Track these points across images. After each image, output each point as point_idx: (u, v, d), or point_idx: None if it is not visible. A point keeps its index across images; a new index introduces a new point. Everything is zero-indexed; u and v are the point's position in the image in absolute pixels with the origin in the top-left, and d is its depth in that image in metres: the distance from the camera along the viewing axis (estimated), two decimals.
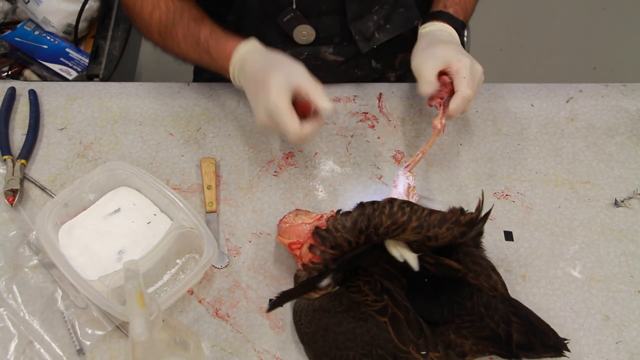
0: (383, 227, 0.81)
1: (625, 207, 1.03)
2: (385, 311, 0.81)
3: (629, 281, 0.95)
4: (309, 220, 0.91)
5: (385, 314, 0.81)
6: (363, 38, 1.14)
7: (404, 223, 0.81)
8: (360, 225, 0.81)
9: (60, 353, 0.87)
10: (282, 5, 1.08)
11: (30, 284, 0.93)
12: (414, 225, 0.81)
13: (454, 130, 1.11)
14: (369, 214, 0.81)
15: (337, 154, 1.09)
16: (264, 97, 0.91)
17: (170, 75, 2.19)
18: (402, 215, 0.81)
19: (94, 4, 1.47)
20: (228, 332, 0.90)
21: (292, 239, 0.90)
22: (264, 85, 0.91)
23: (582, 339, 0.90)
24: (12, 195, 1.00)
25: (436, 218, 0.81)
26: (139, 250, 0.93)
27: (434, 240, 0.82)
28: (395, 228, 0.81)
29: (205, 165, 1.04)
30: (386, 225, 0.81)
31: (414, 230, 0.81)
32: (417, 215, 0.81)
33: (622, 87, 1.17)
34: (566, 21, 2.52)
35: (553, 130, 1.12)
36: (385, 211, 0.81)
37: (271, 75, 0.91)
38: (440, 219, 0.81)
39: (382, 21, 1.14)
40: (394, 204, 0.82)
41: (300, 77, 0.92)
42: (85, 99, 1.14)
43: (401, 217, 0.81)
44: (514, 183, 1.05)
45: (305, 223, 0.91)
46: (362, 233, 0.82)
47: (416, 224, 0.81)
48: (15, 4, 1.50)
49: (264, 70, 0.93)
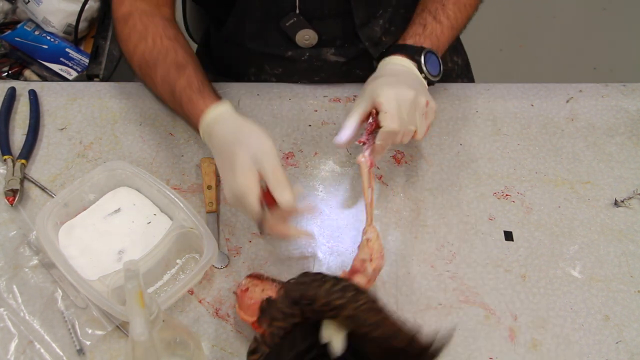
0: (318, 303, 0.71)
1: (625, 207, 1.03)
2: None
3: (629, 281, 0.95)
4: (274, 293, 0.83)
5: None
6: (372, 44, 1.14)
7: (338, 307, 0.71)
8: (294, 295, 0.72)
9: (60, 353, 0.87)
10: (284, 10, 1.08)
11: (31, 284, 0.93)
12: (346, 314, 0.71)
13: (454, 130, 1.11)
14: (306, 283, 0.73)
15: (337, 154, 1.09)
16: (230, 178, 0.86)
17: None
18: (339, 297, 0.71)
19: (94, 4, 1.47)
20: (228, 332, 0.90)
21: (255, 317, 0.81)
22: (230, 164, 0.86)
23: (582, 339, 0.90)
24: (12, 195, 1.00)
25: (373, 319, 0.71)
26: (139, 250, 0.93)
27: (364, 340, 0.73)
28: (328, 309, 0.71)
29: (205, 165, 1.04)
30: (321, 302, 0.71)
31: (346, 319, 0.72)
32: (355, 304, 0.70)
33: (622, 87, 1.17)
34: (566, 21, 2.52)
35: (553, 130, 1.12)
36: (324, 286, 0.72)
37: (238, 155, 0.85)
38: (378, 320, 0.71)
39: (387, 24, 1.15)
40: (339, 283, 0.72)
41: (264, 161, 0.85)
42: (86, 99, 1.14)
43: (338, 299, 0.71)
44: (513, 183, 1.05)
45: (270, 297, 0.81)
46: (295, 304, 0.73)
47: (350, 314, 0.71)
48: (15, 4, 1.50)
49: (231, 145, 0.87)
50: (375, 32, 1.14)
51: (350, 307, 0.71)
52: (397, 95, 0.92)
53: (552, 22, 2.53)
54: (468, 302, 0.93)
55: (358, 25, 1.11)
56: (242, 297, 0.85)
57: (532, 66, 2.39)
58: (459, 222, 1.01)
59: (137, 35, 1.02)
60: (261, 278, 0.87)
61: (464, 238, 0.99)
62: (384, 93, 0.92)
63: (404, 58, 1.01)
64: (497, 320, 0.91)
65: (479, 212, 1.02)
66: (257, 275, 0.88)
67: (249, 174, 0.84)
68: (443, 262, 0.96)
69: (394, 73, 1.00)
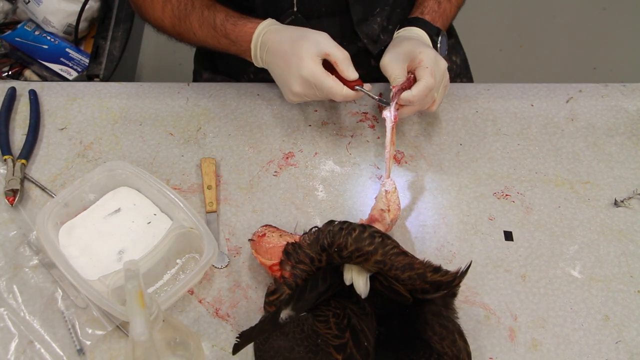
0: (347, 250, 0.78)
1: (625, 207, 1.03)
2: (343, 349, 0.77)
3: (629, 281, 0.95)
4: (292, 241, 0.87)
5: (342, 352, 0.77)
6: (371, 41, 1.16)
7: (367, 253, 0.77)
8: (323, 242, 0.78)
9: (60, 353, 0.87)
10: (283, 8, 1.08)
11: (31, 283, 0.93)
12: (377, 259, 0.78)
13: (454, 130, 1.11)
14: (334, 232, 0.79)
15: (337, 154, 1.09)
16: (297, 67, 0.95)
17: (170, 75, 2.20)
18: (369, 244, 0.77)
19: (94, 4, 1.47)
20: (228, 332, 0.90)
21: (274, 260, 0.87)
22: (294, 55, 0.95)
23: (582, 339, 0.90)
24: (13, 195, 1.00)
25: (402, 262, 0.78)
26: (139, 250, 0.93)
27: (393, 281, 0.79)
28: (358, 255, 0.78)
29: (205, 165, 1.04)
30: (350, 249, 0.78)
31: (376, 264, 0.78)
32: (384, 249, 0.77)
33: (622, 87, 1.17)
34: (566, 21, 2.52)
35: (553, 130, 1.12)
36: (353, 234, 0.78)
37: (301, 45, 0.95)
38: (405, 264, 0.78)
39: (385, 22, 1.15)
40: (366, 230, 0.79)
41: (327, 45, 0.95)
42: (86, 99, 1.14)
43: (367, 246, 0.77)
44: (513, 183, 1.05)
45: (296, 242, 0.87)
46: (324, 251, 0.79)
47: (380, 259, 0.77)
48: (15, 4, 1.50)
49: (291, 42, 0.96)
50: (374, 29, 1.14)
51: (380, 252, 0.77)
52: (437, 57, 0.99)
53: (552, 22, 2.53)
54: (468, 302, 0.93)
55: (356, 22, 1.12)
56: (259, 242, 0.91)
57: (532, 66, 2.39)
58: (459, 222, 1.01)
59: (161, 1, 1.08)
60: (276, 227, 0.93)
61: (464, 238, 0.99)
62: (426, 51, 0.98)
63: (425, 34, 1.06)
64: (497, 320, 0.92)
65: (479, 212, 1.02)
66: (271, 225, 0.94)
67: (316, 59, 0.94)
68: (443, 262, 0.96)
69: (422, 40, 1.04)
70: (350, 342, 0.77)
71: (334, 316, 0.79)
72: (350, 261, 0.80)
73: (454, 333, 0.80)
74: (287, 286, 0.81)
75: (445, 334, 0.79)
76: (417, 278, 0.78)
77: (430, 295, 0.79)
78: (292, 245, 0.83)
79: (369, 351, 0.78)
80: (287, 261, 0.83)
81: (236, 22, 1.03)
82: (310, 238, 0.82)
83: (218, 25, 1.04)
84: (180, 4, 1.07)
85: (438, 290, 0.79)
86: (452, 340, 0.79)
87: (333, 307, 0.80)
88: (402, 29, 1.08)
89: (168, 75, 2.21)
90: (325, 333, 0.78)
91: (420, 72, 0.97)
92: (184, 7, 1.07)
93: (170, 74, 2.21)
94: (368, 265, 0.80)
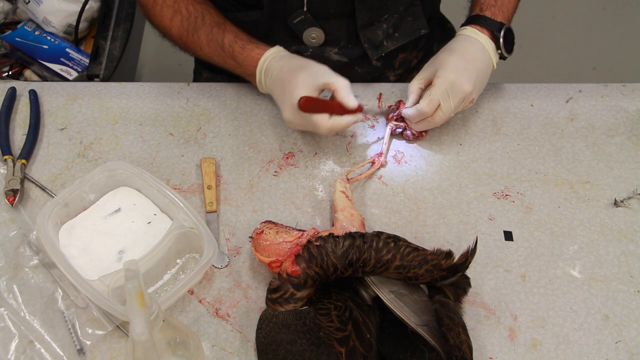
0: (370, 265, 0.80)
1: (625, 207, 1.03)
2: (345, 342, 0.78)
3: (629, 281, 0.95)
4: (290, 239, 0.89)
5: (344, 344, 0.78)
6: (372, 46, 1.16)
7: (387, 262, 0.81)
8: (352, 257, 0.80)
9: (60, 353, 0.87)
10: (292, 7, 1.09)
11: (31, 283, 0.93)
12: (396, 264, 0.81)
13: (454, 130, 1.11)
14: (360, 247, 0.81)
15: (337, 154, 1.09)
16: (290, 95, 0.96)
17: (170, 75, 2.20)
18: (386, 253, 0.81)
19: (94, 4, 1.47)
20: (228, 332, 0.90)
21: (272, 258, 0.89)
22: (290, 84, 0.96)
23: (582, 339, 0.90)
24: (13, 195, 1.00)
25: (417, 259, 0.81)
26: (139, 250, 0.93)
27: (414, 280, 0.82)
28: (380, 266, 0.81)
29: (205, 165, 1.04)
30: (372, 264, 0.80)
31: (396, 270, 0.81)
32: (400, 253, 0.81)
33: (622, 87, 1.17)
34: (566, 21, 2.52)
35: (553, 130, 1.12)
36: (373, 245, 0.81)
37: (298, 74, 0.97)
38: (421, 260, 0.81)
39: (391, 30, 1.16)
40: (381, 239, 0.82)
41: (325, 75, 0.98)
42: (86, 99, 1.14)
43: (385, 254, 0.81)
44: (513, 183, 1.05)
45: (286, 241, 0.89)
46: (351, 266, 0.81)
47: (399, 264, 0.81)
48: (15, 4, 1.50)
49: (291, 70, 0.98)
50: (377, 35, 1.14)
51: (398, 258, 0.81)
52: (454, 84, 1.00)
53: (552, 22, 2.53)
54: (468, 302, 0.93)
55: (359, 26, 1.12)
56: (257, 239, 0.91)
57: (532, 66, 2.39)
58: (459, 222, 1.01)
59: (170, 10, 1.08)
60: (275, 223, 0.93)
61: (464, 238, 0.99)
62: (445, 75, 1.00)
63: (482, 33, 1.05)
64: (497, 320, 0.92)
65: (479, 212, 1.02)
66: (271, 221, 0.94)
67: (309, 88, 0.96)
68: None
69: (466, 52, 1.04)
70: (353, 334, 0.78)
71: (335, 309, 0.80)
72: (372, 274, 0.83)
73: (459, 326, 0.82)
74: (291, 284, 0.82)
75: (451, 325, 0.81)
76: (434, 269, 0.81)
77: (449, 280, 0.83)
78: (318, 248, 0.82)
79: (371, 343, 0.79)
80: (307, 261, 0.82)
81: (244, 45, 1.04)
82: (332, 247, 0.82)
83: (226, 46, 1.05)
84: (190, 17, 1.07)
85: (455, 274, 0.83)
86: (457, 332, 0.81)
87: (334, 300, 0.81)
88: (461, 28, 1.08)
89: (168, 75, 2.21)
90: (327, 326, 0.79)
91: (425, 94, 1.02)
92: (193, 21, 1.07)
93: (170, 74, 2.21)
94: (388, 273, 0.82)
